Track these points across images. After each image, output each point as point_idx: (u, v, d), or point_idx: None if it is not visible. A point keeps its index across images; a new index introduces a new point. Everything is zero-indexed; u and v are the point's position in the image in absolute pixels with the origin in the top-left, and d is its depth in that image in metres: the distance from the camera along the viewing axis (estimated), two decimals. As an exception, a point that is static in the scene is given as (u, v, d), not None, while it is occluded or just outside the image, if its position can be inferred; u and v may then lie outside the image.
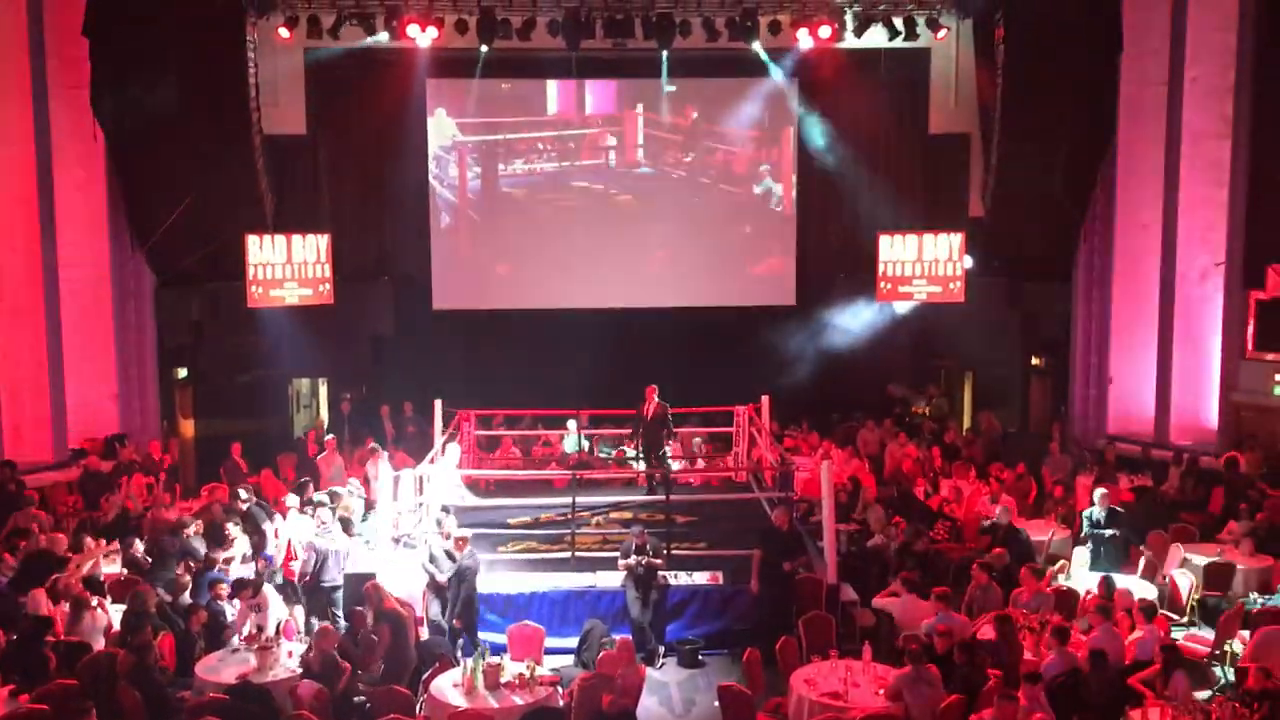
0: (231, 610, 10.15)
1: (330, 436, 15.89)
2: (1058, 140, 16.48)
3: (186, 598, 10.34)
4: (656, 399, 14.06)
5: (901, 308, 18.68)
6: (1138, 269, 16.76)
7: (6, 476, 13.31)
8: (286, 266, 17.16)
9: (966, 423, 19.20)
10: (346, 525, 11.87)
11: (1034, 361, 18.83)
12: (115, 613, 10.30)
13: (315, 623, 10.50)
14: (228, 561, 11.20)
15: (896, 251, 18.15)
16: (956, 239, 17.88)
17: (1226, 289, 15.63)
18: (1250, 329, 15.51)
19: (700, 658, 10.96)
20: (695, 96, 18.97)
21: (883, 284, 18.31)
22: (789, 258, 19.44)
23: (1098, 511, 12.36)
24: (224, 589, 10.30)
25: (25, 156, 14.82)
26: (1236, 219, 15.42)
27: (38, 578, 10.41)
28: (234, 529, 11.77)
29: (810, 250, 19.51)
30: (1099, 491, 12.75)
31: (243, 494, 12.84)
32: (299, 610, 11.08)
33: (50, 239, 15.15)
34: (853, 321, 18.76)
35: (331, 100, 18.47)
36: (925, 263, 18.00)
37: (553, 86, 18.90)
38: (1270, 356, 15.24)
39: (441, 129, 18.88)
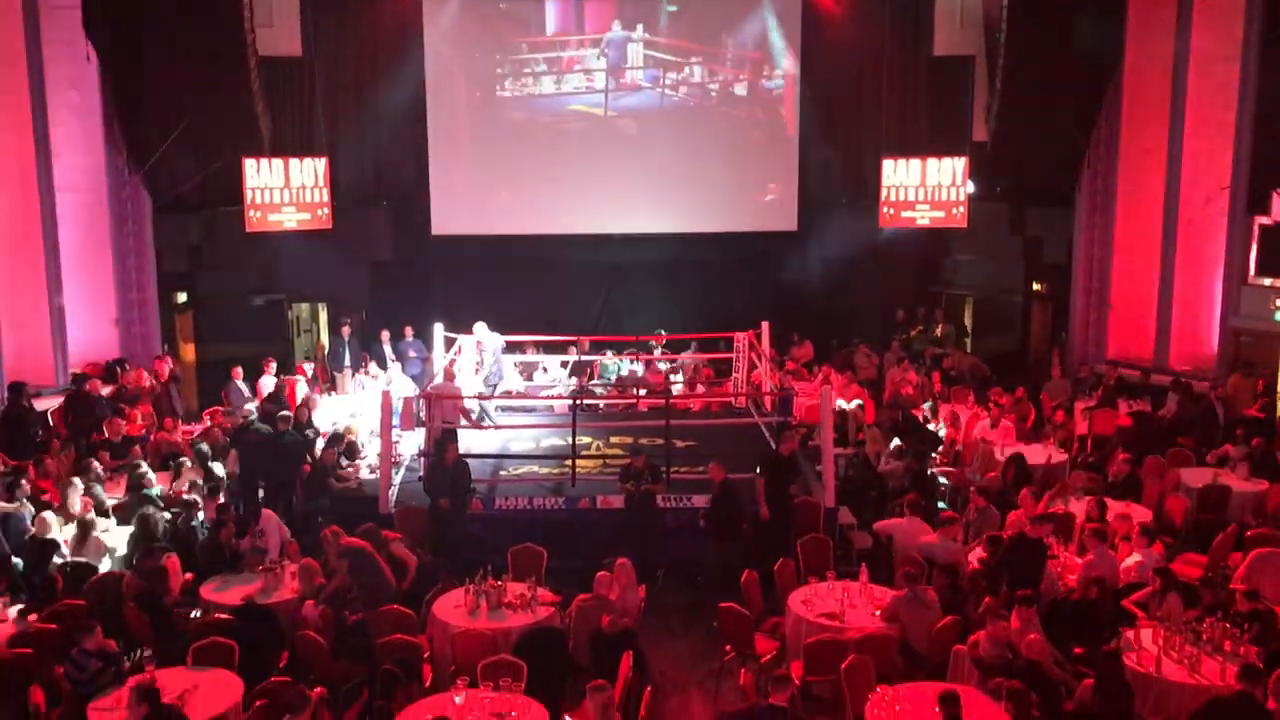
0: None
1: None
2: (1063, 63, 16.21)
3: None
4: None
5: (903, 233, 18.56)
6: (1141, 194, 16.63)
7: (22, 397, 13.34)
8: (284, 191, 17.10)
9: (969, 348, 19.13)
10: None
11: (1035, 287, 18.77)
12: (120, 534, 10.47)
13: None
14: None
15: (899, 176, 18.04)
16: (960, 163, 17.76)
17: (1230, 214, 15.49)
18: (1253, 254, 15.41)
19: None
20: (696, 17, 18.64)
21: (885, 209, 18.21)
22: (790, 182, 19.23)
23: None
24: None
25: (17, 79, 14.60)
26: (1243, 143, 15.21)
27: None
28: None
29: (812, 175, 19.30)
30: None
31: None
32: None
33: (45, 163, 14.98)
34: (854, 247, 18.66)
35: (327, 21, 18.16)
36: (928, 187, 17.91)
37: (551, 6, 18.57)
38: (1271, 281, 15.13)
39: (438, 50, 18.59)
